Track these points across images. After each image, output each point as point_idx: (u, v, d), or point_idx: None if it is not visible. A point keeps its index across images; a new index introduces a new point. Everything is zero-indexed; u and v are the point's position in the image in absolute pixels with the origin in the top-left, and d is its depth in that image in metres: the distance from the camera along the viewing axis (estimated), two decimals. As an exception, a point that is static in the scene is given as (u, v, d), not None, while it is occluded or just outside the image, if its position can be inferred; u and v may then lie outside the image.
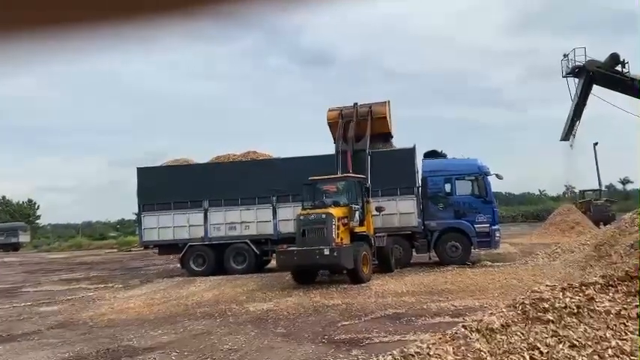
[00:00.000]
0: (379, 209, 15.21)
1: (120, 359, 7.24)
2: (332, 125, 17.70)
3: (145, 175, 18.43)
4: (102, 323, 10.04)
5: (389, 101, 18.12)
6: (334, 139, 17.52)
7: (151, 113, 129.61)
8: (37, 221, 70.32)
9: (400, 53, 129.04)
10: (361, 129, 17.10)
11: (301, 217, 13.64)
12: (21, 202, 69.41)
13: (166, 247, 18.36)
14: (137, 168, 18.54)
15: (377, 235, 15.13)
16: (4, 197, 69.26)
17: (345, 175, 15.17)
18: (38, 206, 70.78)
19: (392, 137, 18.26)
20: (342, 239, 13.18)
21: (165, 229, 17.75)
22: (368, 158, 16.47)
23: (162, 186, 17.81)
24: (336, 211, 13.40)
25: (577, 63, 29.24)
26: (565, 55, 29.98)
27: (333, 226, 12.98)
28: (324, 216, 13.21)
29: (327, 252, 12.61)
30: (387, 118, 17.66)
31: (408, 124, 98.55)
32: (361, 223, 14.21)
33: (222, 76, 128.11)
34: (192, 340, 8.09)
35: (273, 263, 19.64)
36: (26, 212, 67.75)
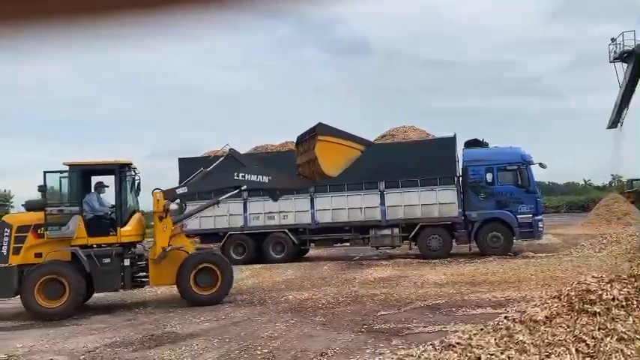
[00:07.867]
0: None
1: (163, 345, 7.41)
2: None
3: (186, 165, 18.74)
4: (146, 310, 10.32)
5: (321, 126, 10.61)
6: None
7: (186, 105, 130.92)
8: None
9: (437, 43, 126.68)
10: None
11: None
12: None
13: (207, 236, 18.69)
14: (179, 158, 18.89)
15: (170, 248, 10.67)
16: None
17: (70, 163, 10.41)
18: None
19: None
20: (38, 255, 10.04)
21: (206, 218, 18.02)
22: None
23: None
24: (15, 218, 10.78)
25: (626, 47, 28.17)
26: (613, 40, 28.93)
27: (5, 239, 10.02)
28: None
29: None
30: (317, 158, 10.44)
31: (448, 114, 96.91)
32: (94, 233, 10.26)
33: (257, 66, 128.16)
34: (234, 327, 8.22)
35: (311, 252, 19.90)
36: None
